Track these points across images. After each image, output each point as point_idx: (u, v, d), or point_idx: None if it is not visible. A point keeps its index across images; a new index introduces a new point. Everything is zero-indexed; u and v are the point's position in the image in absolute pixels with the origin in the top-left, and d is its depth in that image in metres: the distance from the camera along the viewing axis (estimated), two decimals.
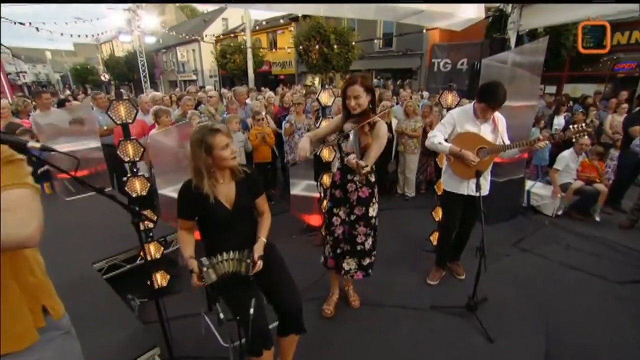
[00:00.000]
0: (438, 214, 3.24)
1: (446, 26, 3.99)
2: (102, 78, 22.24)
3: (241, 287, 1.73)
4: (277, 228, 4.32)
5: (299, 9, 4.22)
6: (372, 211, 2.25)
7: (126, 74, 26.74)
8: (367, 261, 2.34)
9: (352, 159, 1.81)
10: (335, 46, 13.07)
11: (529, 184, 4.84)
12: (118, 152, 2.31)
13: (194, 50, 27.17)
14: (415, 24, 5.00)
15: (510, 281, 3.05)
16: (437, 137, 2.55)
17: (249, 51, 17.38)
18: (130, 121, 2.30)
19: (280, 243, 3.84)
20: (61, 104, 4.97)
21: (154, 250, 2.66)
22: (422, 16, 3.44)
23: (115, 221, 2.51)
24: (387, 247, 3.63)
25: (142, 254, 2.64)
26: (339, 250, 2.36)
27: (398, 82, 15.08)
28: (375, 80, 17.04)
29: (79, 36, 13.51)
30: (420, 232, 3.70)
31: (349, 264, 2.35)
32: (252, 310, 1.54)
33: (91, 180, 4.15)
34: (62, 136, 4.03)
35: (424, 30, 10.07)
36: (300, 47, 13.88)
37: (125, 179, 2.42)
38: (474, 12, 3.37)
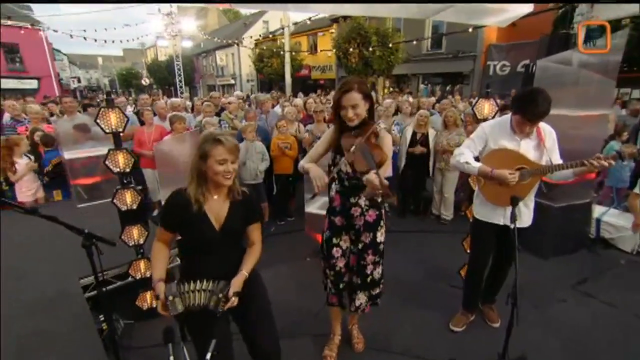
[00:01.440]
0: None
1: (492, 23, 3.69)
2: (143, 82, 24.15)
3: (208, 323, 1.61)
4: (291, 248, 4.31)
5: (327, 9, 4.15)
6: (380, 236, 2.12)
7: (167, 77, 28.75)
8: (376, 291, 2.23)
9: (375, 178, 1.62)
10: (371, 48, 12.89)
11: (599, 210, 4.25)
12: (106, 162, 2.35)
13: (232, 54, 28.58)
14: (459, 23, 4.70)
15: (563, 335, 2.62)
16: (464, 156, 2.28)
17: (287, 54, 17.85)
18: (121, 130, 2.33)
19: (292, 265, 3.81)
20: (85, 108, 5.35)
21: (144, 268, 2.66)
22: (460, 12, 3.19)
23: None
24: (409, 276, 3.43)
25: (132, 271, 2.68)
26: (341, 285, 2.22)
27: (447, 88, 14.52)
28: (421, 86, 16.59)
29: (122, 41, 14.82)
30: (451, 263, 3.37)
31: (360, 299, 2.21)
32: (209, 355, 1.42)
33: (103, 187, 4.29)
34: (79, 141, 4.28)
35: (470, 29, 9.56)
36: (335, 50, 13.90)
37: (115, 190, 2.45)
38: (520, 7, 3.06)
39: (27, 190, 4.41)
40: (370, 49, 12.95)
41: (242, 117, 5.76)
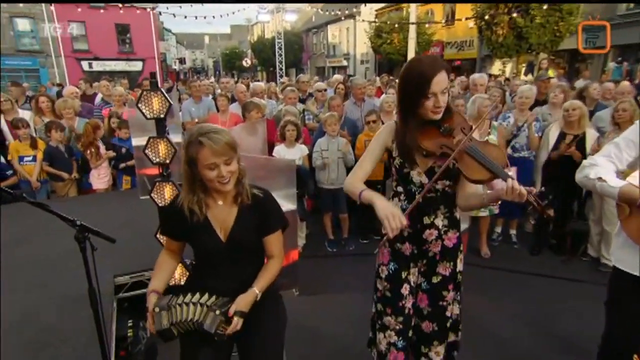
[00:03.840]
0: None
1: None
2: (244, 63, 26.80)
3: (203, 348, 1.70)
4: (367, 273, 4.20)
5: None
6: (460, 264, 2.05)
7: (271, 58, 31.46)
8: (452, 338, 2.12)
9: (518, 186, 1.55)
10: (533, 12, 11.55)
11: None
12: (146, 151, 2.70)
13: (347, 28, 29.57)
14: None
15: None
16: (598, 168, 1.89)
17: (412, 28, 17.55)
18: (163, 115, 2.65)
19: (361, 295, 3.73)
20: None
21: (178, 274, 2.96)
22: None
23: None
24: (523, 343, 3.14)
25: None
26: (410, 333, 2.08)
27: None
28: (610, 65, 14.36)
29: (228, 15, 16.82)
30: (595, 330, 2.86)
31: (439, 354, 2.08)
32: None
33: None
34: (147, 128, 5.03)
35: None
36: (476, 19, 13.00)
37: (153, 182, 2.80)
38: None
39: (104, 176, 5.39)
40: (534, 12, 11.58)
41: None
